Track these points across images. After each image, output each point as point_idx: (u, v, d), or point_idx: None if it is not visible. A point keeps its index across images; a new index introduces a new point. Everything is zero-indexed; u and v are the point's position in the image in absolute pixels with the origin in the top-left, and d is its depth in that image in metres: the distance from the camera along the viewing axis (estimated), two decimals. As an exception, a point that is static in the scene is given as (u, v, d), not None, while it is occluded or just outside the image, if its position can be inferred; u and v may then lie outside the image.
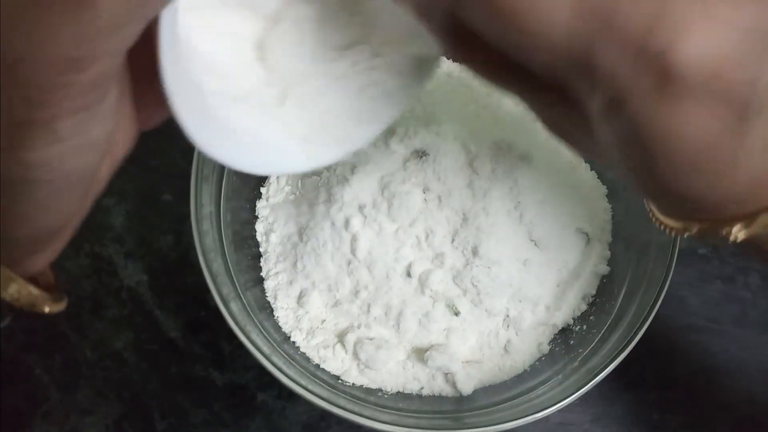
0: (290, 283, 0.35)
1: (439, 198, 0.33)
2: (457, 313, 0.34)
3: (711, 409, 0.40)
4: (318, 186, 0.36)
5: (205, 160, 0.33)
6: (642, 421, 0.40)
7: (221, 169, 0.36)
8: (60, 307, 0.23)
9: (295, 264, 0.35)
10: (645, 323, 0.31)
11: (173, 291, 0.42)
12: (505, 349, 0.35)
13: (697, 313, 0.42)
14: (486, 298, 0.34)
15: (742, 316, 0.42)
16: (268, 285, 0.36)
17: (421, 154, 0.35)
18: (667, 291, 0.31)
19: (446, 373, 0.34)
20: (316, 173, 0.37)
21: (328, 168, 0.36)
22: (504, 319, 0.35)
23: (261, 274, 0.36)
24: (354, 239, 0.34)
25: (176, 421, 0.40)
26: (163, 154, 0.44)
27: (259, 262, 0.37)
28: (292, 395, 0.40)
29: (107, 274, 0.42)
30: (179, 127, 0.20)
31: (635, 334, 0.31)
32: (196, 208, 0.32)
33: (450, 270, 0.34)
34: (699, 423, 0.40)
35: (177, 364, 0.40)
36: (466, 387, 0.34)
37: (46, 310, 0.22)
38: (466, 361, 0.35)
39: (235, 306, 0.32)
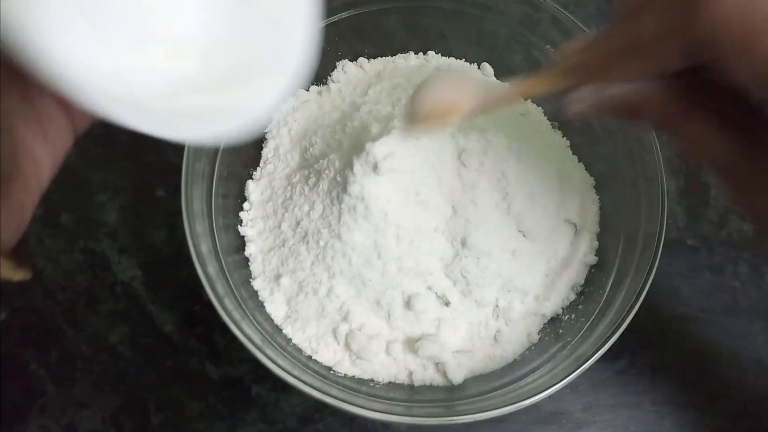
0: (281, 276, 0.35)
1: (428, 190, 0.34)
2: (447, 304, 0.35)
3: (702, 398, 0.41)
4: (308, 180, 0.36)
5: (195, 156, 0.33)
6: (633, 410, 0.40)
7: (212, 164, 0.36)
8: (20, 276, 0.23)
9: (285, 258, 0.36)
10: (632, 311, 0.31)
11: (167, 285, 0.42)
12: (495, 339, 0.35)
13: (688, 303, 0.42)
14: (475, 288, 0.34)
15: (732, 305, 0.42)
16: (260, 278, 0.36)
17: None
18: (657, 281, 0.32)
19: (437, 363, 0.34)
20: (307, 167, 0.37)
21: (318, 161, 0.36)
22: (494, 309, 0.35)
23: (252, 267, 0.37)
24: (345, 232, 0.34)
25: (172, 414, 0.40)
26: (156, 150, 0.44)
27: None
28: (286, 387, 0.40)
29: (101, 269, 0.42)
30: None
31: (623, 321, 0.31)
32: (188, 205, 0.32)
33: (440, 261, 0.34)
34: (690, 412, 0.40)
35: (172, 357, 0.41)
36: (457, 376, 0.34)
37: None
38: (457, 351, 0.35)
39: (228, 300, 0.32)
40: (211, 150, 0.36)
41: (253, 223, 0.37)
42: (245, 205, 0.38)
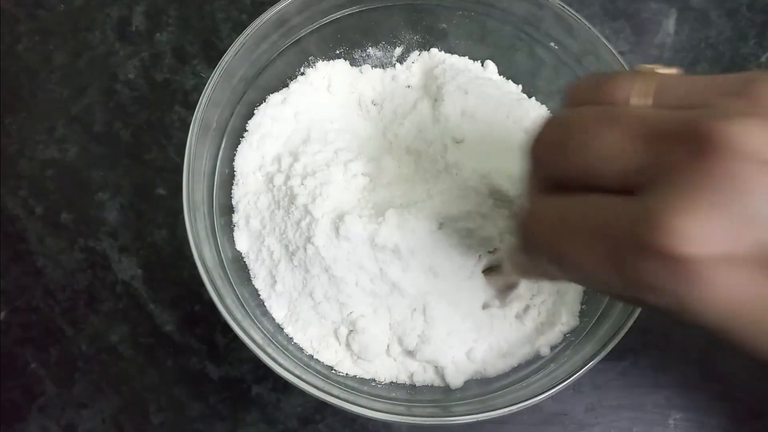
0: (278, 278, 0.35)
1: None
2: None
3: (707, 398, 0.40)
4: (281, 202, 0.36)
5: (197, 154, 0.33)
6: (636, 412, 0.40)
7: (213, 164, 0.36)
8: None
9: (278, 262, 0.35)
10: (636, 311, 0.31)
11: (168, 285, 0.42)
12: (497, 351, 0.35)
13: (691, 303, 0.42)
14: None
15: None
16: (260, 278, 0.36)
17: None
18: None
19: (436, 366, 0.34)
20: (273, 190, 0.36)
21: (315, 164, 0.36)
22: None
23: (252, 267, 0.36)
24: (342, 236, 0.33)
25: (173, 414, 0.40)
26: (156, 148, 0.44)
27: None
28: (287, 388, 0.40)
29: (102, 269, 0.42)
30: (172, 122, 0.20)
31: (626, 321, 0.31)
32: (189, 203, 0.32)
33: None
34: (695, 413, 0.40)
35: (173, 357, 0.41)
36: (456, 381, 0.34)
37: None
38: (455, 357, 0.35)
39: (229, 299, 0.32)
40: (213, 148, 0.36)
41: (240, 233, 0.37)
42: (234, 215, 0.37)
